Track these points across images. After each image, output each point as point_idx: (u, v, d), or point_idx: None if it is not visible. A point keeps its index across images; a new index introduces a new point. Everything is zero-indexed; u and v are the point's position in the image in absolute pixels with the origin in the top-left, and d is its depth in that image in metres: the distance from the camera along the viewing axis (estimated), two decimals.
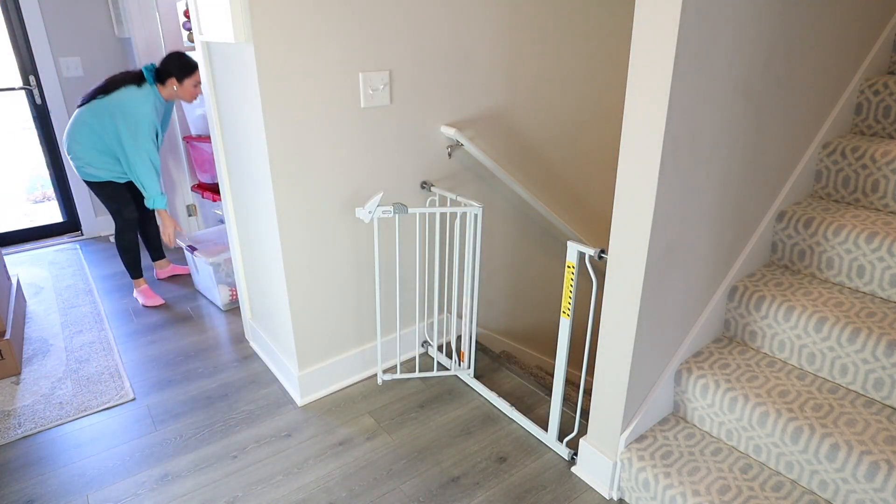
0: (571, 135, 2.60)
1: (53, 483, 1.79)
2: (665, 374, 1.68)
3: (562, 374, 1.82)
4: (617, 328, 1.55)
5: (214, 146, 2.20)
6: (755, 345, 1.75)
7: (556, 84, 2.45)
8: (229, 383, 2.25)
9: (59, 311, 2.82)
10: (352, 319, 2.17)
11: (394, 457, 1.87)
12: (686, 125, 1.35)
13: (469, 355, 2.19)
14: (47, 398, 2.17)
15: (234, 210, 2.27)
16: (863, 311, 1.59)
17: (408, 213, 1.98)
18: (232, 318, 2.75)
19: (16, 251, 3.58)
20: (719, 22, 1.31)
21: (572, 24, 2.41)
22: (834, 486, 1.41)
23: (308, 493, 1.73)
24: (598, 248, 1.58)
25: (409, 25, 1.91)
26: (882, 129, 1.88)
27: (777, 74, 1.56)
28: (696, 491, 1.48)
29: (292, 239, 1.91)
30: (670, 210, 1.43)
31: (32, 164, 4.55)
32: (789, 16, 1.51)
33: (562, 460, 1.84)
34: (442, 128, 2.12)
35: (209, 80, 2.08)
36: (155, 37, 3.19)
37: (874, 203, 1.78)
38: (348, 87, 1.85)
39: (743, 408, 1.55)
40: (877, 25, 1.90)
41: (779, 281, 1.77)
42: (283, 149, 1.79)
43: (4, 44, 3.36)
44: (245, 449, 1.91)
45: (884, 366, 1.48)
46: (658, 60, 1.27)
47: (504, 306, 2.72)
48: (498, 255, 2.57)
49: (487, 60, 2.16)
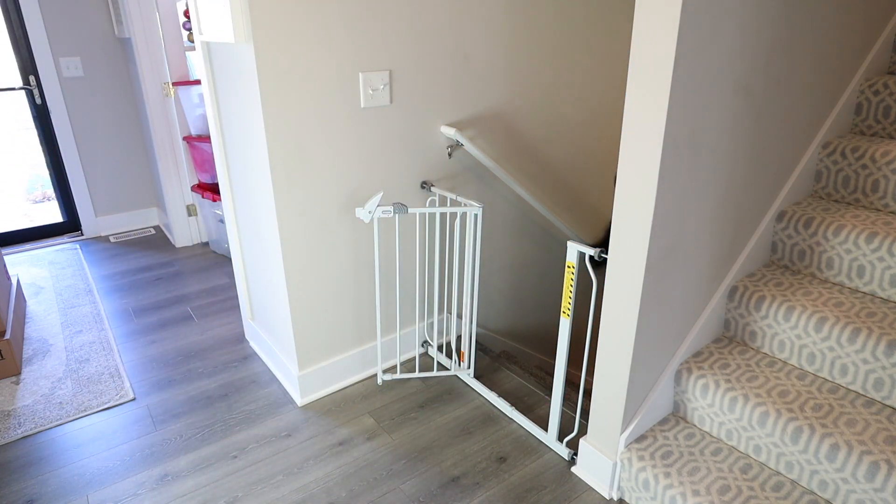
0: (571, 134, 2.60)
1: (53, 483, 1.78)
2: (665, 374, 1.68)
3: (562, 374, 1.82)
4: (617, 328, 1.55)
5: (214, 146, 2.20)
6: (755, 345, 1.75)
7: (557, 84, 2.45)
8: (229, 383, 2.25)
9: (59, 311, 2.82)
10: (352, 319, 2.17)
11: (394, 457, 1.87)
12: (686, 125, 1.35)
13: (469, 355, 2.19)
14: (47, 398, 2.17)
15: (234, 210, 2.27)
16: (863, 311, 1.59)
17: (408, 213, 1.98)
18: (232, 318, 2.75)
19: (16, 251, 3.58)
20: (719, 22, 1.31)
21: (573, 23, 2.41)
22: (834, 486, 1.41)
23: (308, 493, 1.73)
24: (598, 249, 1.58)
25: (409, 25, 1.91)
26: (882, 129, 1.88)
27: (777, 74, 1.56)
28: (696, 491, 1.48)
29: (292, 239, 1.91)
30: (670, 210, 1.43)
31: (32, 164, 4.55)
32: (789, 16, 1.51)
33: (562, 460, 1.84)
34: (442, 128, 2.12)
35: (209, 80, 2.08)
36: (155, 37, 3.19)
37: (874, 203, 1.78)
38: (348, 87, 1.85)
39: (743, 408, 1.55)
40: (877, 25, 1.90)
41: (779, 281, 1.77)
42: (283, 149, 1.79)
43: (4, 44, 3.36)
44: (245, 449, 1.91)
45: (884, 366, 1.48)
46: (658, 60, 1.27)
47: (504, 306, 2.72)
48: (498, 255, 2.57)
49: (487, 60, 2.16)
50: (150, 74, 3.24)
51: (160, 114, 3.35)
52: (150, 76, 3.24)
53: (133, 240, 3.77)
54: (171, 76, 3.28)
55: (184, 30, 3.29)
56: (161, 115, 3.35)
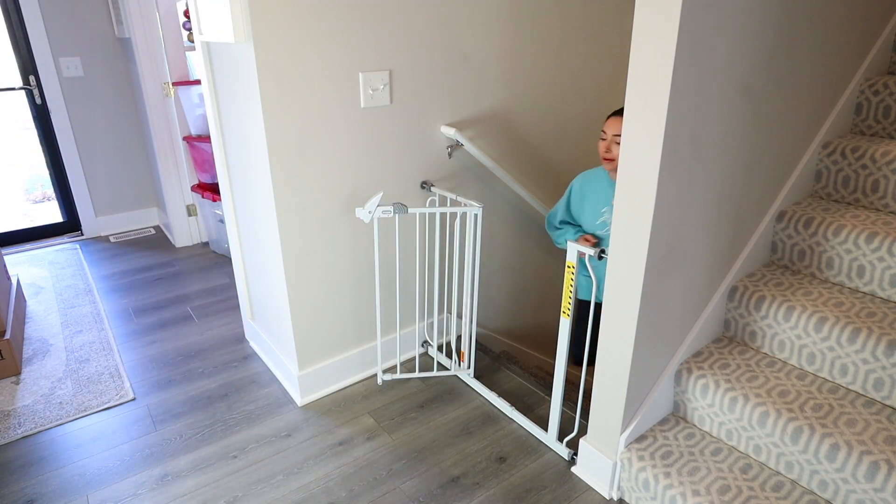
0: (572, 134, 2.60)
1: (53, 483, 1.78)
2: (665, 374, 1.68)
3: (562, 374, 1.82)
4: (617, 328, 1.55)
5: (214, 146, 2.20)
6: (755, 345, 1.75)
7: (557, 84, 2.45)
8: (229, 383, 2.25)
9: (59, 311, 2.82)
10: (352, 319, 2.17)
11: (394, 457, 1.87)
12: (686, 125, 1.35)
13: (469, 355, 2.19)
14: (47, 398, 2.17)
15: (234, 210, 2.27)
16: (863, 311, 1.59)
17: (408, 213, 1.98)
18: (232, 318, 2.75)
19: (16, 251, 3.58)
20: (719, 22, 1.31)
21: (573, 23, 2.41)
22: (834, 486, 1.41)
23: (308, 493, 1.73)
24: (598, 249, 1.58)
25: (409, 25, 1.91)
26: (882, 129, 1.88)
27: (777, 74, 1.56)
28: (696, 491, 1.48)
29: (292, 238, 1.91)
30: (670, 210, 1.43)
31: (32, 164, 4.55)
32: (789, 16, 1.51)
33: (562, 460, 1.84)
34: (442, 128, 2.12)
35: (209, 80, 2.08)
36: (155, 37, 3.19)
37: (874, 203, 1.78)
38: (348, 87, 1.85)
39: (743, 408, 1.55)
40: (877, 25, 1.90)
41: (779, 281, 1.77)
42: (283, 149, 1.79)
43: (4, 44, 3.36)
44: (245, 449, 1.91)
45: (884, 366, 1.48)
46: (658, 60, 1.27)
47: (504, 306, 2.72)
48: (498, 255, 2.57)
49: (487, 60, 2.16)
50: (150, 74, 3.24)
51: (160, 114, 3.35)
52: (150, 76, 3.24)
53: (133, 240, 3.77)
54: (171, 76, 3.28)
55: (184, 30, 3.29)
56: (161, 115, 3.35)
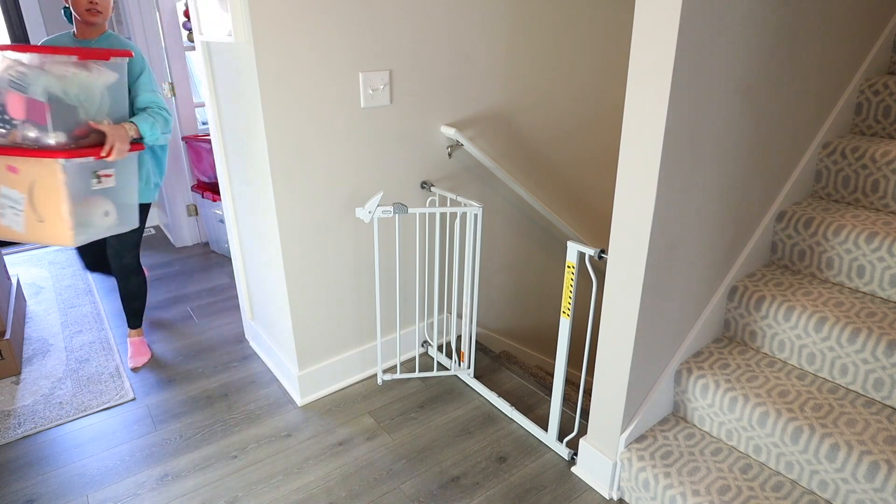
0: (572, 134, 2.60)
1: (53, 483, 1.78)
2: (665, 374, 1.68)
3: (562, 374, 1.82)
4: (617, 328, 1.55)
5: (214, 146, 2.20)
6: (755, 345, 1.75)
7: (557, 84, 2.45)
8: (229, 383, 2.25)
9: (59, 311, 2.82)
10: (352, 319, 2.17)
11: (394, 457, 1.87)
12: (686, 125, 1.35)
13: (469, 355, 2.19)
14: (47, 398, 2.17)
15: (234, 210, 2.27)
16: (863, 311, 1.59)
17: (408, 213, 1.98)
18: (232, 318, 2.75)
19: (16, 251, 3.58)
20: (719, 22, 1.31)
21: (573, 23, 2.41)
22: (834, 486, 1.41)
23: (308, 493, 1.73)
24: (598, 248, 1.58)
25: (409, 25, 1.91)
26: (882, 129, 1.88)
27: (777, 74, 1.56)
28: (696, 491, 1.48)
29: (292, 238, 1.91)
30: (670, 210, 1.43)
31: None
32: (789, 16, 1.51)
33: (562, 460, 1.84)
34: (442, 128, 2.12)
35: (209, 80, 2.08)
36: (155, 37, 3.19)
37: (874, 203, 1.78)
38: (348, 87, 1.85)
39: (743, 408, 1.55)
40: (877, 25, 1.90)
41: (779, 281, 1.77)
42: (283, 149, 1.79)
43: (4, 44, 3.36)
44: (245, 449, 1.91)
45: (884, 366, 1.48)
46: (658, 60, 1.27)
47: (504, 306, 2.72)
48: (498, 255, 2.57)
49: (487, 60, 2.16)
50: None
51: None
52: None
53: None
54: (171, 76, 3.28)
55: (184, 30, 3.29)
56: None
